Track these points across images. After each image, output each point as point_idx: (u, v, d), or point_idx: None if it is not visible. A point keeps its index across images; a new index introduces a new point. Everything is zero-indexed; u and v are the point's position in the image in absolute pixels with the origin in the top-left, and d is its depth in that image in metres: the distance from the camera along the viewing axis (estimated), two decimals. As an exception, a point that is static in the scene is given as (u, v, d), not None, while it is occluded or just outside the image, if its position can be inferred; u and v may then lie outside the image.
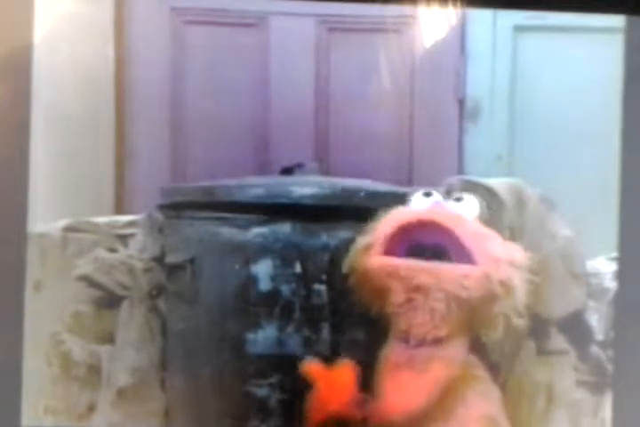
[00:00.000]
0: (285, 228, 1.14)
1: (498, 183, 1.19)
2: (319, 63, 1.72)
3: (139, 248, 1.24)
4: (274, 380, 1.11)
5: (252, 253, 1.14)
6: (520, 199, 1.19)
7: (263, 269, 1.13)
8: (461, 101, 1.73)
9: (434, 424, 0.98)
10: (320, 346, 1.12)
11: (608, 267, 1.18)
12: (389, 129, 1.69)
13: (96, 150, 1.63)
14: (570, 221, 1.20)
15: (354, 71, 1.69)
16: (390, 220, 1.04)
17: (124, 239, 1.27)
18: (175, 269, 1.18)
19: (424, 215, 1.02)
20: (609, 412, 1.00)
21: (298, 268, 1.13)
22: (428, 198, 1.06)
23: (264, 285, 1.13)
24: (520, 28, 1.71)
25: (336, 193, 1.17)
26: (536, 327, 1.14)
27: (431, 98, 1.72)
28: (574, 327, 1.18)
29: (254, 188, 1.17)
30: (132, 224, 1.28)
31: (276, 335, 1.12)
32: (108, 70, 1.65)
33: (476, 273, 0.98)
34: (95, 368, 1.20)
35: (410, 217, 1.03)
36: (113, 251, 1.25)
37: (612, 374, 1.03)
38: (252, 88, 1.72)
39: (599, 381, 1.16)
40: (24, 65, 0.95)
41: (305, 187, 1.16)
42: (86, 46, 1.57)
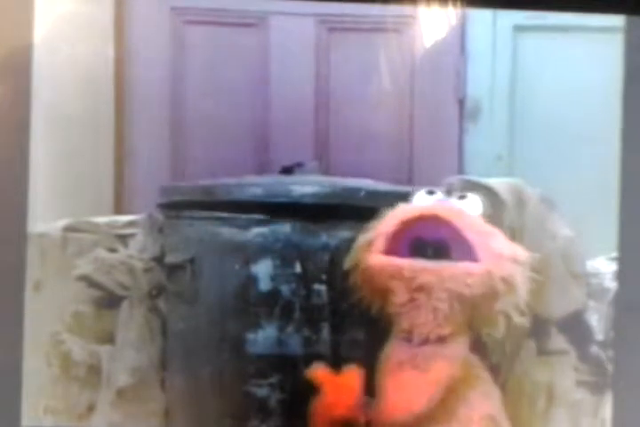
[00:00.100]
0: (285, 228, 1.14)
1: (498, 183, 1.19)
2: (319, 63, 1.72)
3: (139, 248, 1.24)
4: (274, 380, 1.11)
5: (251, 253, 1.13)
6: (520, 199, 1.19)
7: (263, 270, 1.13)
8: (461, 101, 1.73)
9: (435, 425, 0.98)
10: (320, 346, 1.12)
11: (608, 267, 1.18)
12: (389, 129, 1.69)
13: (96, 150, 1.63)
14: (570, 221, 1.20)
15: (354, 71, 1.69)
16: (392, 216, 1.04)
17: (123, 239, 1.27)
18: (175, 269, 1.18)
19: (426, 210, 1.03)
20: (609, 412, 1.00)
21: (298, 268, 1.13)
22: (430, 196, 1.06)
23: (264, 285, 1.13)
24: (520, 27, 1.71)
25: (336, 192, 1.16)
26: (536, 327, 1.13)
27: (431, 98, 1.72)
28: (574, 327, 1.18)
29: (254, 187, 1.17)
30: (131, 224, 1.28)
31: (276, 335, 1.12)
32: (107, 70, 1.65)
33: (478, 270, 0.98)
34: (95, 368, 1.20)
35: (412, 212, 1.03)
36: (113, 251, 1.25)
37: (612, 375, 1.03)
38: (251, 88, 1.72)
39: (599, 381, 1.16)
40: (24, 65, 0.95)
41: (305, 186, 1.16)
42: (86, 46, 1.57)
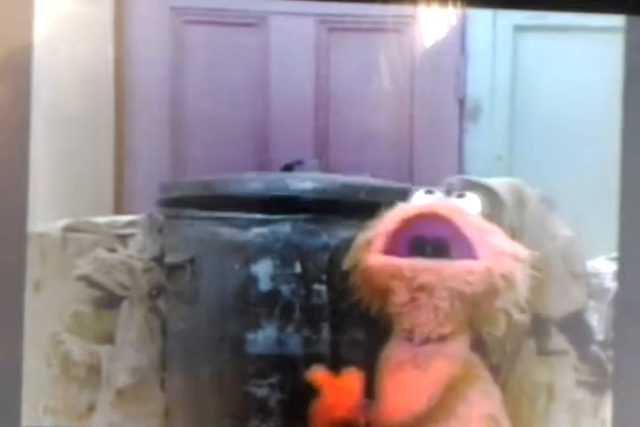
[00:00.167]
0: (285, 228, 1.14)
1: (498, 183, 1.19)
2: (319, 63, 1.72)
3: (138, 248, 1.24)
4: (274, 380, 1.11)
5: (251, 253, 1.13)
6: (520, 199, 1.19)
7: (263, 269, 1.13)
8: (461, 101, 1.73)
9: (435, 424, 0.98)
10: (320, 346, 1.12)
11: (608, 267, 1.18)
12: (389, 129, 1.69)
13: (96, 150, 1.63)
14: (570, 221, 1.20)
15: (354, 71, 1.69)
16: (392, 216, 1.04)
17: (123, 239, 1.27)
18: (175, 269, 1.18)
19: (425, 208, 1.03)
20: (609, 412, 1.00)
21: (298, 268, 1.12)
22: (429, 196, 1.06)
23: (264, 285, 1.12)
24: (520, 27, 1.71)
25: (336, 188, 1.16)
26: (536, 327, 1.13)
27: (431, 98, 1.72)
28: (574, 327, 1.18)
29: (253, 181, 1.17)
30: (131, 224, 1.28)
31: (276, 335, 1.12)
32: (107, 70, 1.65)
33: (478, 268, 0.98)
34: (95, 368, 1.19)
35: (411, 211, 1.03)
36: (113, 251, 1.24)
37: (612, 375, 1.03)
38: (251, 88, 1.72)
39: (599, 381, 1.16)
40: (24, 65, 0.94)
41: (305, 181, 1.16)
42: (86, 46, 1.57)
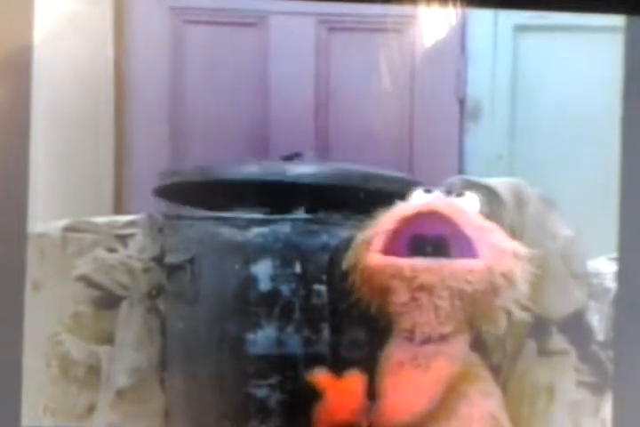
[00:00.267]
0: (285, 228, 1.13)
1: (498, 183, 1.19)
2: (319, 63, 1.72)
3: (138, 248, 1.24)
4: (273, 380, 1.11)
5: (251, 253, 1.13)
6: (520, 199, 1.18)
7: (263, 269, 1.13)
8: (462, 101, 1.73)
9: (437, 424, 0.97)
10: (320, 346, 1.12)
11: (609, 267, 1.17)
12: (389, 129, 1.69)
13: (96, 150, 1.63)
14: (570, 221, 1.20)
15: (354, 71, 1.69)
16: (391, 215, 1.04)
17: (123, 239, 1.26)
18: (175, 270, 1.17)
19: (425, 207, 1.02)
20: (610, 412, 1.00)
21: (298, 268, 1.12)
22: (428, 195, 1.06)
23: (264, 285, 1.12)
24: (521, 27, 1.71)
25: (335, 173, 1.16)
26: (537, 327, 1.13)
27: (431, 98, 1.72)
28: (575, 328, 1.18)
29: (251, 166, 1.17)
30: (131, 224, 1.28)
31: (276, 335, 1.11)
32: (107, 70, 1.65)
33: (478, 267, 0.97)
34: (94, 369, 1.19)
35: (410, 210, 1.03)
36: (112, 251, 1.24)
37: (612, 374, 1.03)
38: (251, 88, 1.72)
39: (600, 381, 1.16)
40: (24, 65, 0.94)
41: (303, 166, 1.16)
42: (86, 46, 1.57)
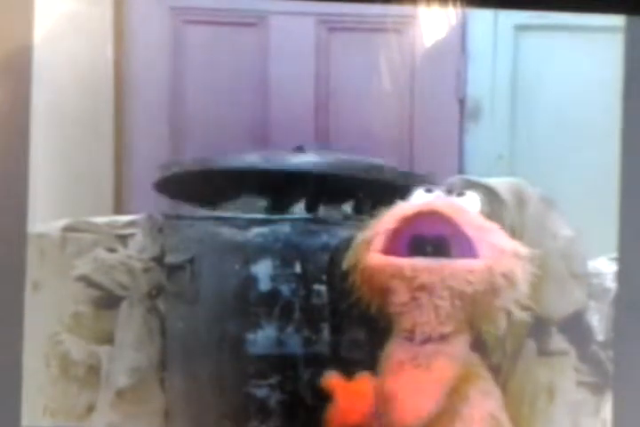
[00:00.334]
0: (285, 228, 1.13)
1: (498, 183, 1.19)
2: (319, 63, 1.72)
3: (138, 248, 1.24)
4: (273, 380, 1.11)
5: (251, 253, 1.13)
6: (521, 199, 1.18)
7: (263, 270, 1.12)
8: (462, 101, 1.73)
9: (437, 424, 0.97)
10: (320, 346, 1.12)
11: (609, 267, 1.17)
12: (389, 129, 1.69)
13: (96, 150, 1.64)
14: (570, 221, 1.19)
15: (354, 71, 1.69)
16: (391, 214, 1.04)
17: (123, 239, 1.26)
18: (175, 270, 1.17)
19: (425, 206, 1.02)
20: (610, 412, 1.00)
21: (298, 268, 1.12)
22: (429, 194, 1.06)
23: (264, 285, 1.12)
24: (521, 27, 1.71)
25: (337, 163, 1.16)
26: (537, 327, 1.13)
27: (431, 98, 1.72)
28: (575, 328, 1.18)
29: (252, 156, 1.17)
30: (131, 224, 1.28)
31: (276, 335, 1.11)
32: (107, 70, 1.65)
33: (479, 267, 0.97)
34: (94, 369, 1.19)
35: (410, 210, 1.02)
36: (112, 251, 1.24)
37: (612, 375, 1.03)
38: (251, 88, 1.72)
39: (600, 381, 1.16)
40: (24, 65, 0.94)
41: (305, 156, 1.16)
42: (86, 46, 1.58)
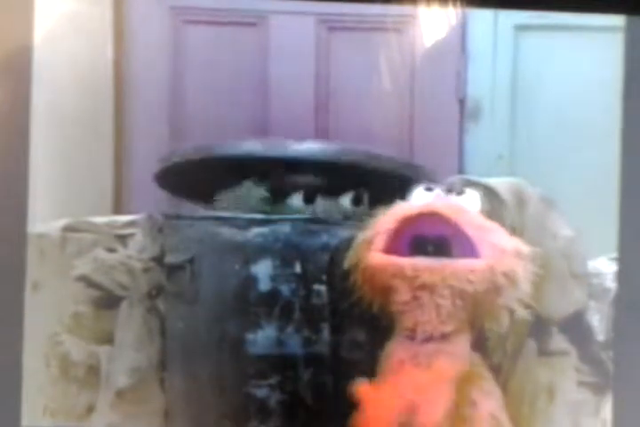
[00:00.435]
0: (285, 228, 1.14)
1: (499, 183, 1.19)
2: (319, 63, 1.72)
3: (138, 248, 1.24)
4: (273, 380, 1.11)
5: (251, 253, 1.13)
6: (521, 199, 1.18)
7: (263, 270, 1.13)
8: (462, 101, 1.73)
9: (441, 424, 0.97)
10: (320, 346, 1.12)
11: (609, 267, 1.17)
12: (389, 129, 1.69)
13: (96, 150, 1.64)
14: (570, 221, 1.19)
15: (354, 71, 1.69)
16: (392, 214, 1.04)
17: (123, 239, 1.26)
18: (175, 270, 1.17)
19: (425, 207, 1.02)
20: (610, 412, 1.00)
21: (298, 268, 1.12)
22: (429, 193, 1.06)
23: (264, 285, 1.12)
24: (521, 27, 1.71)
25: (337, 150, 1.16)
26: (537, 327, 1.13)
27: (431, 98, 1.72)
28: (575, 328, 1.18)
29: (251, 143, 1.17)
30: (131, 224, 1.28)
31: (276, 336, 1.11)
32: (107, 70, 1.65)
33: (480, 266, 0.97)
34: (94, 369, 1.19)
35: (411, 210, 1.03)
36: (112, 251, 1.24)
37: (612, 374, 1.03)
38: (251, 88, 1.72)
39: (600, 381, 1.16)
40: (24, 65, 0.94)
41: (304, 143, 1.16)
42: (86, 46, 1.58)
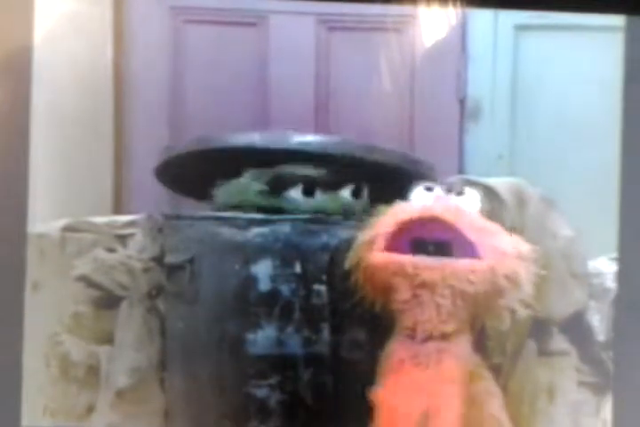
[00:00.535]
0: (285, 228, 1.13)
1: (499, 183, 1.19)
2: (319, 63, 1.72)
3: (138, 248, 1.24)
4: (273, 380, 1.11)
5: (251, 253, 1.13)
6: (521, 199, 1.18)
7: (263, 270, 1.13)
8: (462, 101, 1.73)
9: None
10: (320, 346, 1.12)
11: (609, 267, 1.17)
12: (389, 129, 1.69)
13: (95, 150, 1.64)
14: (570, 221, 1.19)
15: (354, 71, 1.69)
16: (391, 215, 1.03)
17: (123, 239, 1.26)
18: (174, 270, 1.17)
19: (425, 211, 1.01)
20: (610, 412, 1.00)
21: (298, 268, 1.12)
22: (429, 193, 1.06)
23: (264, 285, 1.12)
24: (521, 26, 1.71)
25: (337, 142, 1.16)
26: (537, 328, 1.13)
27: (431, 98, 1.72)
28: (575, 328, 1.18)
29: (252, 135, 1.17)
30: (131, 224, 1.28)
31: (276, 336, 1.11)
32: (107, 70, 1.65)
33: (481, 267, 0.97)
34: (94, 369, 1.19)
35: (411, 213, 1.02)
36: (112, 251, 1.24)
37: (611, 374, 1.03)
38: (251, 88, 1.72)
39: (601, 381, 1.16)
40: (24, 65, 0.94)
41: (305, 135, 1.16)
42: (86, 46, 1.58)
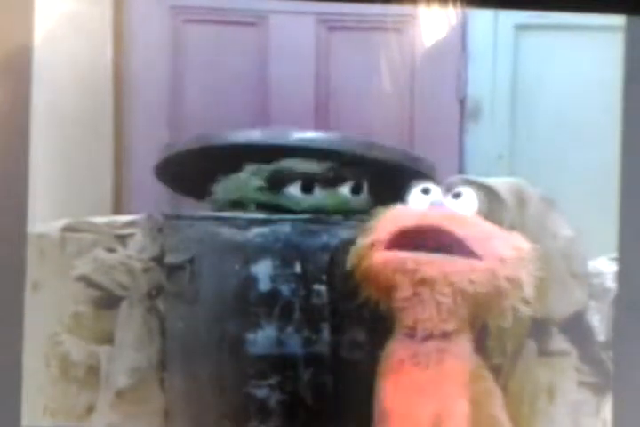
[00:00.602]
0: (285, 228, 1.14)
1: (499, 183, 1.19)
2: (319, 63, 1.72)
3: (138, 248, 1.24)
4: (273, 380, 1.11)
5: (251, 253, 1.13)
6: (521, 199, 1.18)
7: (263, 270, 1.13)
8: (462, 101, 1.73)
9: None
10: (320, 346, 1.12)
11: (609, 267, 1.17)
12: (389, 129, 1.68)
13: (95, 150, 1.64)
14: (570, 221, 1.19)
15: (354, 71, 1.69)
16: (390, 220, 1.03)
17: (123, 239, 1.26)
18: (174, 270, 1.17)
19: (424, 220, 1.01)
20: (610, 412, 1.00)
21: (298, 268, 1.12)
22: (426, 196, 1.06)
23: (264, 285, 1.12)
24: (521, 26, 1.71)
25: (337, 138, 1.17)
26: (537, 328, 1.13)
27: (431, 98, 1.72)
28: (575, 328, 1.18)
29: (252, 132, 1.18)
30: (131, 224, 1.28)
31: (276, 336, 1.11)
32: (107, 70, 1.65)
33: (482, 266, 0.97)
34: (94, 369, 1.19)
35: (409, 222, 1.02)
36: (112, 251, 1.24)
37: (611, 374, 1.03)
38: (251, 88, 1.72)
39: (601, 381, 1.16)
40: (24, 65, 0.94)
41: (305, 132, 1.17)
42: (86, 46, 1.58)
